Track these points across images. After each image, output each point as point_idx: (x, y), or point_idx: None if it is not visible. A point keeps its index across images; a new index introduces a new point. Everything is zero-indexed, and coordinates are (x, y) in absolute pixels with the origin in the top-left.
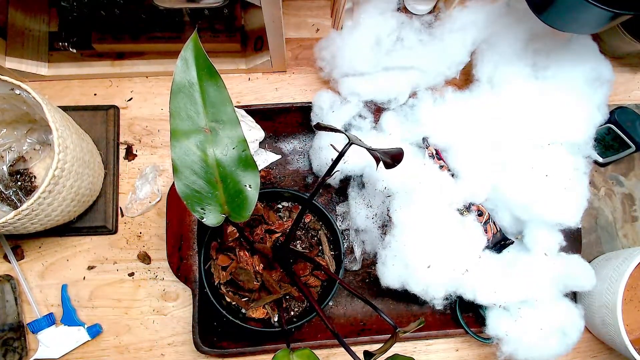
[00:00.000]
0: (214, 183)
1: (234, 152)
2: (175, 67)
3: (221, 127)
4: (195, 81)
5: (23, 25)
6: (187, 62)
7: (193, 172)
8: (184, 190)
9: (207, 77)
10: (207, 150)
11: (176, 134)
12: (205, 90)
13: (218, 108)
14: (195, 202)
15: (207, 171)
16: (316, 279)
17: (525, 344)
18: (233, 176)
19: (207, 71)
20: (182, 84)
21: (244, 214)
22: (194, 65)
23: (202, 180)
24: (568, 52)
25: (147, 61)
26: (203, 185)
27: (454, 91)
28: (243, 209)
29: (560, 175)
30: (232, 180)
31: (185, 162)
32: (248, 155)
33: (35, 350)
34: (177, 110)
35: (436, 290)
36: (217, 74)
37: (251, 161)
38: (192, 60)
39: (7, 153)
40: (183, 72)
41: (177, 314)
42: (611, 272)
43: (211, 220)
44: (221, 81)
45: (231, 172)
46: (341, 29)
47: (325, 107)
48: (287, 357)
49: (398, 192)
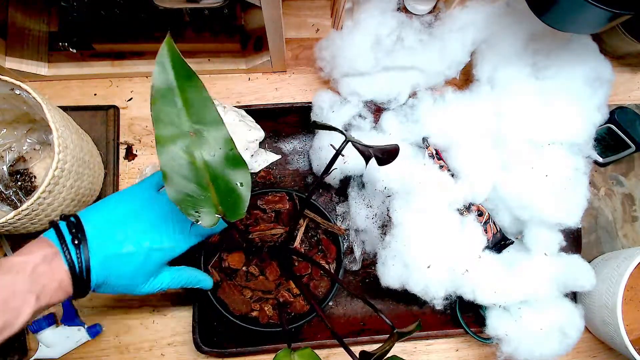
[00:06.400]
0: (205, 185)
1: (221, 152)
2: (153, 74)
3: (206, 129)
4: (175, 85)
5: (23, 25)
6: (164, 67)
7: (183, 177)
8: (176, 196)
9: (186, 80)
10: (194, 153)
11: (161, 140)
12: (185, 93)
13: (200, 110)
14: (189, 206)
15: (197, 174)
16: (316, 280)
17: (525, 344)
18: (223, 176)
19: (184, 74)
20: (162, 89)
21: (238, 212)
22: (172, 70)
23: (192, 184)
24: (568, 52)
25: (147, 61)
26: (194, 188)
27: (454, 91)
28: (237, 207)
29: (560, 175)
30: (223, 180)
31: (173, 167)
32: (236, 154)
33: (35, 350)
34: (159, 117)
35: (436, 290)
36: (195, 76)
37: (240, 159)
38: (169, 64)
39: (7, 153)
40: (161, 77)
41: (177, 314)
42: (611, 272)
43: (207, 222)
44: (200, 82)
45: (221, 172)
46: (341, 29)
47: (325, 107)
48: (288, 356)
49: (398, 192)
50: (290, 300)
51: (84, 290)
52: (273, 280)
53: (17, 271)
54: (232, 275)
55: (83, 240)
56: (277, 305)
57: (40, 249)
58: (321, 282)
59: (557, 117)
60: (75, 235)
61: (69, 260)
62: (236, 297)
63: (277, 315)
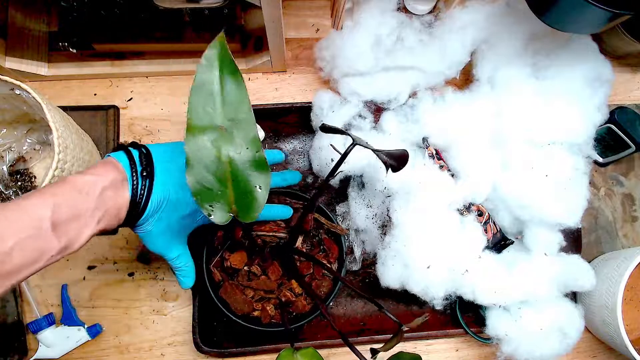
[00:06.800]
0: (224, 181)
1: (247, 152)
2: (199, 65)
3: (237, 126)
4: (217, 79)
5: (23, 25)
6: (210, 60)
7: (205, 167)
8: (196, 185)
9: (229, 76)
10: (221, 148)
11: (192, 129)
12: (224, 88)
13: (235, 107)
14: (205, 198)
15: (219, 168)
16: (318, 279)
17: (525, 344)
18: (244, 176)
19: (229, 70)
20: (204, 81)
21: (251, 214)
22: (217, 64)
23: (213, 176)
24: (568, 52)
25: (147, 61)
26: (214, 182)
27: (454, 91)
28: (251, 209)
29: (560, 175)
30: (243, 179)
31: (198, 157)
32: (261, 157)
33: (35, 350)
34: (195, 106)
35: (436, 290)
36: (238, 73)
37: (264, 163)
38: (216, 59)
39: (7, 153)
40: (206, 69)
41: (177, 314)
42: (611, 272)
43: (219, 218)
44: (242, 80)
45: (243, 171)
46: (341, 29)
47: (325, 107)
48: (290, 356)
49: (398, 192)
50: (293, 299)
51: (131, 222)
52: (275, 280)
53: (87, 192)
54: (234, 275)
55: (150, 175)
56: (279, 305)
57: (110, 172)
58: (323, 282)
59: (557, 117)
60: (145, 168)
61: (134, 190)
62: (238, 297)
63: (279, 315)
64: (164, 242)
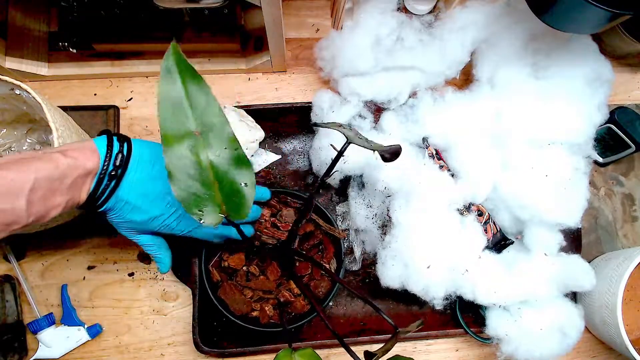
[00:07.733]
0: (209, 185)
1: (226, 152)
2: (160, 78)
3: (210, 129)
4: (180, 87)
5: (23, 25)
6: (170, 71)
7: (188, 175)
8: (181, 194)
9: (191, 82)
10: (199, 153)
11: (168, 140)
12: (190, 94)
13: (205, 110)
14: (193, 204)
15: (202, 173)
16: (316, 279)
17: (525, 344)
18: (228, 176)
19: (190, 76)
20: (168, 91)
21: (242, 212)
22: (177, 73)
23: (197, 182)
24: (568, 52)
25: (147, 61)
26: (199, 187)
27: (454, 91)
28: (241, 208)
29: (560, 175)
30: (227, 180)
31: (179, 166)
32: (241, 154)
33: (35, 350)
34: (165, 117)
35: (436, 290)
36: (200, 77)
37: (244, 159)
38: (175, 67)
39: (7, 153)
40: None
41: (177, 314)
42: (611, 272)
43: (210, 221)
44: (205, 83)
45: (226, 172)
46: (341, 29)
47: (325, 107)
48: (289, 356)
49: (398, 192)
50: (291, 300)
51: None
52: (273, 280)
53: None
54: (233, 275)
55: (119, 177)
56: (278, 305)
57: (88, 160)
58: (321, 282)
59: (557, 117)
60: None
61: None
62: (236, 297)
63: (277, 315)
64: (127, 232)
